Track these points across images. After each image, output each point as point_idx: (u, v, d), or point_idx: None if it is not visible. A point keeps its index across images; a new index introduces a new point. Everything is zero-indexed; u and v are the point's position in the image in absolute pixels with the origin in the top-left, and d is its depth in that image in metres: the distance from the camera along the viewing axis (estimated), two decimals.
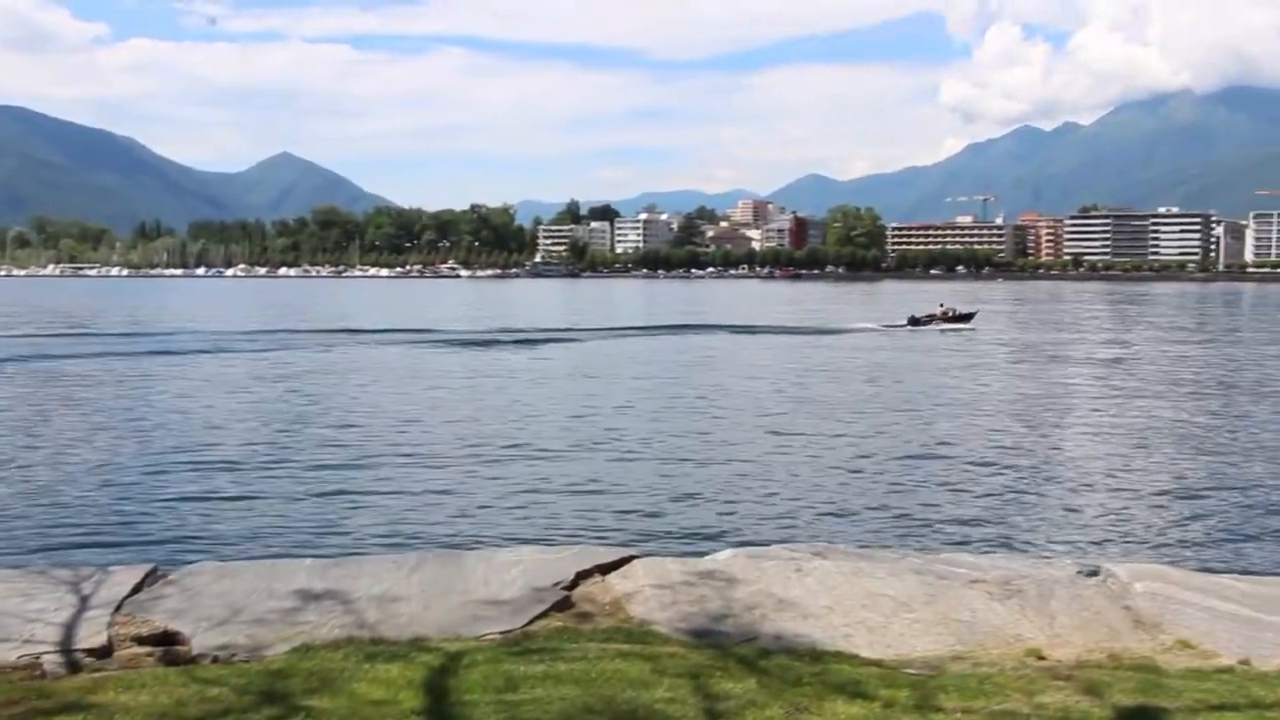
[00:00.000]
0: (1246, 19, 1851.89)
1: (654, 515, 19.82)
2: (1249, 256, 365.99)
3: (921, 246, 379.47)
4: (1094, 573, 9.32)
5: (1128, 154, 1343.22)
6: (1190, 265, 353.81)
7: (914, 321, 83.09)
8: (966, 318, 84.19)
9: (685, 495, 21.69)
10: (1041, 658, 7.34)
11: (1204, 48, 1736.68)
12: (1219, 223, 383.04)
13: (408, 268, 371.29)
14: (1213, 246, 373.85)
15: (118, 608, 7.80)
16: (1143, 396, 40.17)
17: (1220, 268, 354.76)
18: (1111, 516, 20.51)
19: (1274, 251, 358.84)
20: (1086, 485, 23.55)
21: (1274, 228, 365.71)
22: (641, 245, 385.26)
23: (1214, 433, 31.20)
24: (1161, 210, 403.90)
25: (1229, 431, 31.42)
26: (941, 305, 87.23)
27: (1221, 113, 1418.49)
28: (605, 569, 8.91)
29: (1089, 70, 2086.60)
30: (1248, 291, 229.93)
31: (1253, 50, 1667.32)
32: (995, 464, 25.71)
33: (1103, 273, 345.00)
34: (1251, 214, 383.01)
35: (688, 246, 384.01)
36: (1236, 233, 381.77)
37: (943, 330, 79.86)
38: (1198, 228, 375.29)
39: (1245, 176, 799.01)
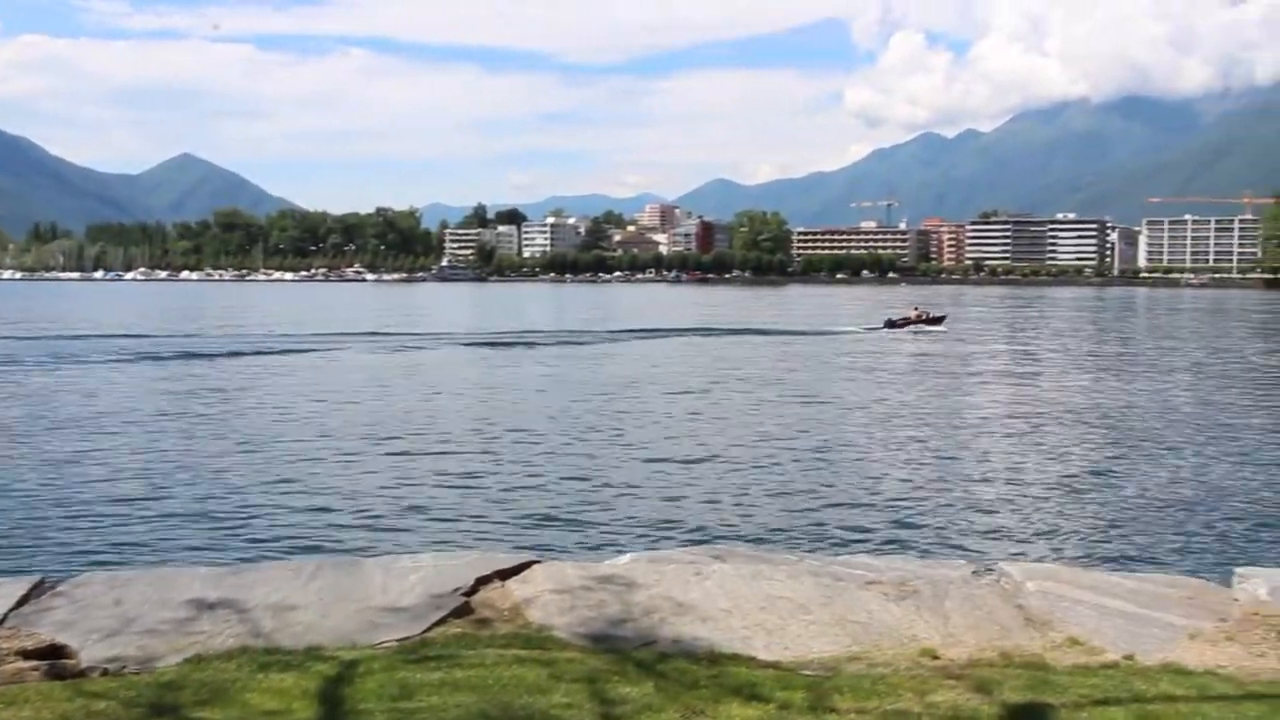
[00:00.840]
0: (1141, 31, 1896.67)
1: (557, 520, 19.83)
2: (1142, 262, 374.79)
3: (827, 251, 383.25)
4: (988, 572, 9.47)
5: (1027, 161, 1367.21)
6: (1087, 270, 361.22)
7: (890, 324, 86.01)
8: (938, 320, 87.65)
9: (589, 500, 21.70)
10: (935, 657, 7.42)
11: (1100, 58, 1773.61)
12: (1114, 229, 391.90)
13: (313, 271, 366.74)
14: (1108, 252, 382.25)
15: (1, 621, 7.60)
16: (1044, 397, 40.99)
17: (1115, 273, 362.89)
18: (1009, 517, 20.90)
19: (1166, 257, 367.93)
20: (987, 486, 23.98)
21: (1165, 234, 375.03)
22: (549, 249, 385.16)
23: (1109, 434, 31.91)
24: (1059, 216, 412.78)
25: (1123, 433, 32.15)
26: (916, 309, 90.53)
27: (1116, 121, 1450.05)
28: (505, 574, 8.86)
29: (990, 79, 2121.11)
30: (1141, 295, 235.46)
31: (1146, 61, 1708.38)
32: (899, 465, 26.10)
33: (1003, 277, 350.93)
34: (1145, 220, 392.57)
35: (595, 250, 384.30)
36: (1130, 239, 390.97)
37: (915, 333, 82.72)
38: (1094, 234, 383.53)
39: (1139, 184, 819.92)
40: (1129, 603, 8.85)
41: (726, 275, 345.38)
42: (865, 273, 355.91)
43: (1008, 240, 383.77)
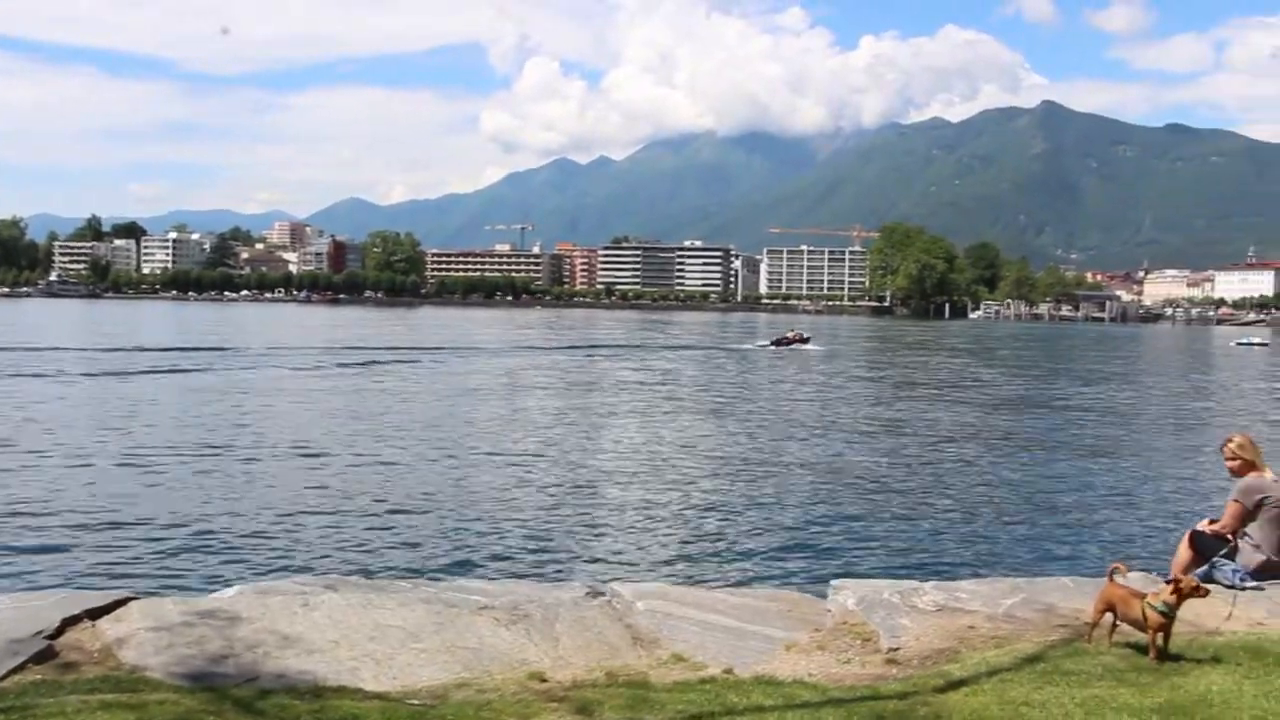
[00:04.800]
0: (760, 71, 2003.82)
1: (162, 554, 18.72)
2: (764, 288, 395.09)
3: (461, 273, 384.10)
4: (600, 594, 9.66)
5: (657, 189, 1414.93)
6: (712, 296, 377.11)
7: (776, 342, 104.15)
8: (806, 340, 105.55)
9: (199, 531, 20.59)
10: (543, 680, 7.49)
11: (724, 94, 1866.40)
12: (738, 257, 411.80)
13: None
14: (732, 278, 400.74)
15: None
16: (672, 420, 42.23)
17: (739, 298, 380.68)
18: (629, 539, 21.35)
19: (785, 284, 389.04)
20: (608, 509, 24.38)
21: (784, 263, 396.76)
22: (171, 266, 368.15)
23: (728, 455, 33.20)
24: (687, 243, 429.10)
25: (741, 454, 33.52)
26: (793, 330, 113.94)
27: (740, 154, 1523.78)
28: (96, 613, 8.32)
29: (622, 108, 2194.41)
30: (762, 320, 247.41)
31: (766, 99, 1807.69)
32: (523, 488, 26.21)
33: (633, 301, 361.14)
34: (765, 249, 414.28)
35: (221, 268, 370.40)
36: (753, 266, 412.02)
37: (792, 349, 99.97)
38: (719, 261, 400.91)
39: (760, 214, 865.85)
40: (732, 618, 9.24)
41: (358, 296, 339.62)
42: (499, 295, 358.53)
43: (638, 265, 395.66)
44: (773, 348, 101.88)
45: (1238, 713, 6.52)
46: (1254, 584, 10.22)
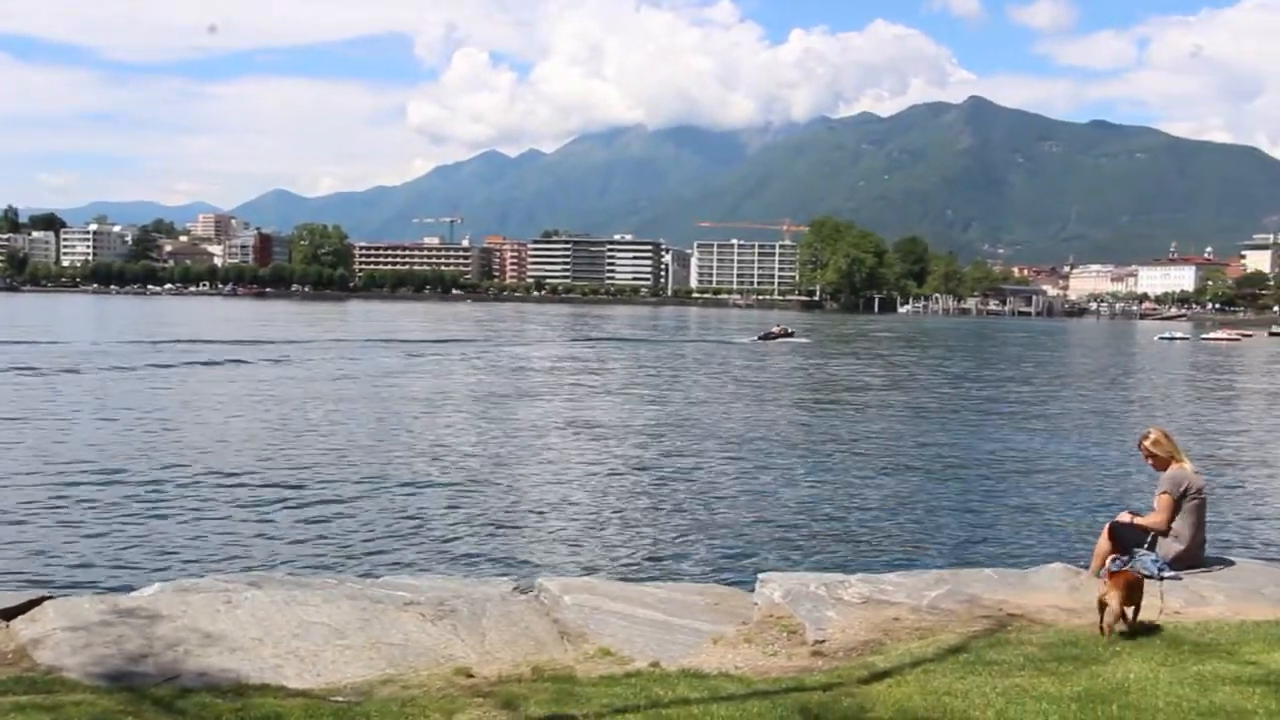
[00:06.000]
0: (690, 64, 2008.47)
1: (80, 551, 18.39)
2: (694, 283, 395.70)
3: (389, 266, 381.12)
4: (528, 589, 9.64)
5: (586, 182, 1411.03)
6: (643, 289, 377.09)
7: (764, 337, 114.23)
8: (791, 334, 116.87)
9: (120, 528, 20.23)
10: (470, 675, 7.46)
11: (654, 87, 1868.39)
12: (668, 251, 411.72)
13: None
14: (663, 272, 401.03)
15: None
16: (601, 415, 42.20)
17: (669, 292, 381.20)
18: (556, 533, 21.33)
19: (715, 279, 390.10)
20: (536, 503, 24.33)
21: (714, 257, 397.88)
22: (92, 258, 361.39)
23: (660, 449, 33.26)
24: (617, 237, 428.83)
25: (673, 447, 33.59)
26: (778, 326, 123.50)
27: (670, 148, 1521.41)
28: (10, 614, 8.17)
29: (551, 100, 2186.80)
30: (693, 314, 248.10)
31: (695, 93, 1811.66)
32: (455, 484, 26.07)
33: (564, 295, 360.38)
34: (695, 243, 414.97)
35: (144, 261, 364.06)
36: (683, 260, 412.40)
37: (780, 342, 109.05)
38: (649, 255, 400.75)
39: (690, 208, 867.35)
40: (659, 611, 9.25)
41: (286, 289, 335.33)
42: (428, 289, 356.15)
43: (568, 259, 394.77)
44: (762, 341, 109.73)
45: (1154, 699, 6.63)
46: (1172, 574, 10.39)
